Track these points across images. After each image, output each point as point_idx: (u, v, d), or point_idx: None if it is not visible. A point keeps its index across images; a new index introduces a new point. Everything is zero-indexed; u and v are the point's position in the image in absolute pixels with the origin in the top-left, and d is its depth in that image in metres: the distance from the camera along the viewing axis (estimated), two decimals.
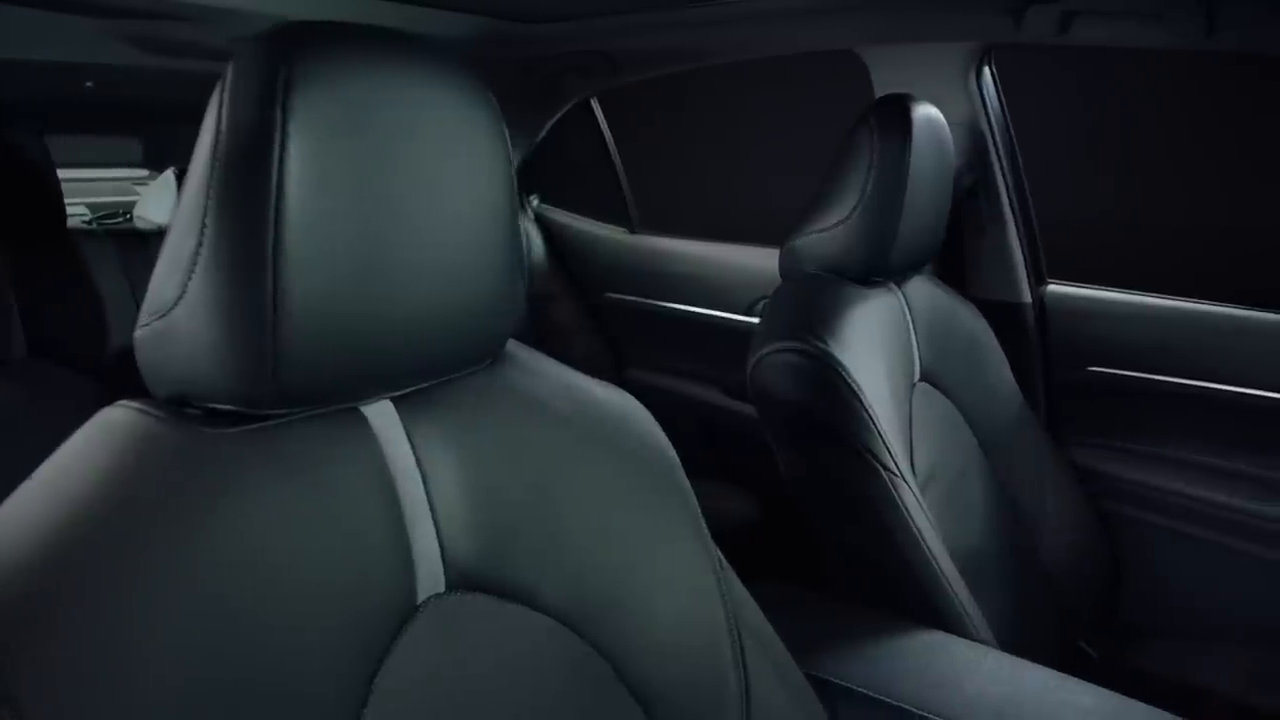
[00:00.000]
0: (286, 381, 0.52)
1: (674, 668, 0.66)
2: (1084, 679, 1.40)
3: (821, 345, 1.08)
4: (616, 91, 2.01)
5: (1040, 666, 0.97)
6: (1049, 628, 1.38)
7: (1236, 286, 1.51)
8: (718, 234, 2.03)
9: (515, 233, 0.62)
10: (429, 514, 0.59)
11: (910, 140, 1.17)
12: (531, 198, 2.28)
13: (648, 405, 2.26)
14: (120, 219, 2.10)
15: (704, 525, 0.74)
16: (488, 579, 0.61)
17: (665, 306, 2.07)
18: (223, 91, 0.52)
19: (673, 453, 0.74)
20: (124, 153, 2.40)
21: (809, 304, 1.16)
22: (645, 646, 0.65)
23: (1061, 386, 1.60)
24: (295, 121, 0.50)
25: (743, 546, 1.73)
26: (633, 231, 2.16)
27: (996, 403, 1.39)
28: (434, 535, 0.59)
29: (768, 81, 2.33)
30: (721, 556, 0.76)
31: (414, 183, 0.54)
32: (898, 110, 1.18)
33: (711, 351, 1.99)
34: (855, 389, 1.06)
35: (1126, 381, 1.54)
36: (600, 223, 2.22)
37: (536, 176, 2.27)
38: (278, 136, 0.49)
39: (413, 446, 0.60)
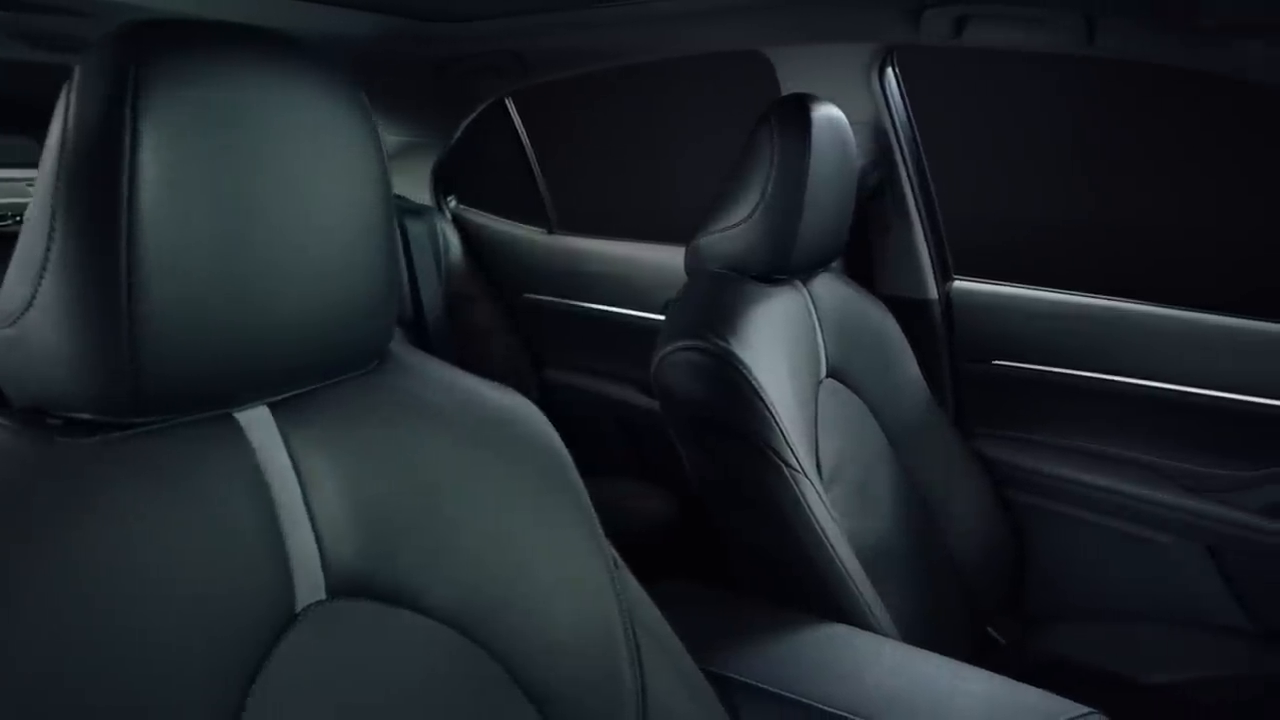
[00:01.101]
0: (149, 388, 0.51)
1: (568, 667, 0.66)
2: (991, 664, 1.44)
3: (722, 344, 1.09)
4: (533, 91, 2.00)
5: (937, 656, 0.99)
6: (957, 616, 1.42)
7: (1134, 283, 1.57)
8: (636, 234, 2.03)
9: (391, 233, 0.62)
10: (307, 520, 0.58)
11: (810, 139, 1.18)
12: (449, 198, 2.25)
13: (566, 405, 2.25)
14: (10, 221, 2.02)
15: (598, 524, 0.74)
16: (372, 584, 0.60)
17: (583, 306, 2.07)
18: (69, 92, 0.51)
19: (565, 452, 0.74)
20: (21, 152, 2.31)
21: (711, 303, 1.17)
22: (539, 647, 0.65)
23: (968, 380, 1.64)
24: (147, 122, 0.49)
25: (661, 545, 1.75)
26: (550, 232, 2.15)
27: (904, 397, 1.42)
28: (313, 542, 0.58)
29: (686, 81, 2.34)
30: (616, 555, 0.76)
31: (279, 183, 0.53)
32: (797, 109, 1.20)
33: (629, 351, 1.99)
34: (756, 387, 1.07)
35: (1030, 374, 1.59)
36: (518, 223, 2.20)
37: (453, 177, 2.25)
38: (128, 138, 0.48)
39: (290, 452, 0.58)
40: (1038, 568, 1.60)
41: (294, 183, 0.54)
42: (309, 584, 0.57)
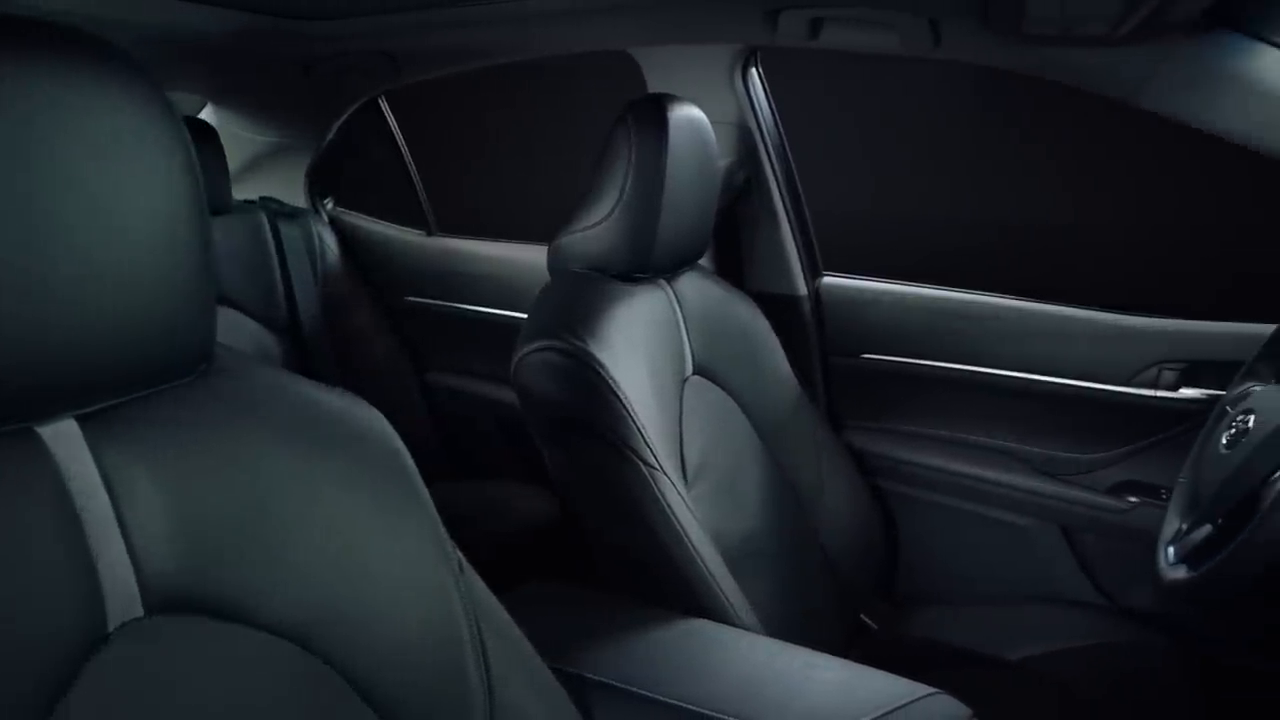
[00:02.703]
0: None
1: (413, 673, 0.65)
2: (864, 649, 1.48)
3: (579, 343, 1.09)
4: (409, 91, 1.97)
5: (793, 646, 1.01)
6: (830, 604, 1.45)
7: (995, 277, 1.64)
8: (518, 234, 2.02)
9: (202, 237, 0.60)
10: (119, 536, 0.56)
11: (666, 138, 1.19)
12: (326, 201, 2.20)
13: (449, 407, 2.21)
14: None
15: (441, 527, 0.73)
16: (196, 599, 0.58)
17: (464, 308, 2.05)
18: None
19: (406, 455, 0.73)
20: None
21: (570, 303, 1.17)
22: (381, 654, 0.64)
23: (838, 374, 1.68)
24: None
25: (542, 544, 1.74)
26: (430, 234, 2.12)
27: (772, 392, 1.44)
28: (126, 558, 0.56)
29: (567, 79, 2.34)
30: (462, 558, 0.76)
31: (70, 186, 0.51)
32: (654, 109, 1.21)
33: (511, 352, 1.98)
34: (613, 386, 1.08)
35: (896, 367, 1.64)
36: (397, 225, 2.17)
37: (330, 179, 2.20)
38: None
39: (101, 467, 0.56)
40: (908, 554, 1.66)
41: (87, 185, 0.52)
42: (122, 601, 0.55)
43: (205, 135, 1.78)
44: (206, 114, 2.00)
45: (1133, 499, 1.49)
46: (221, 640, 0.58)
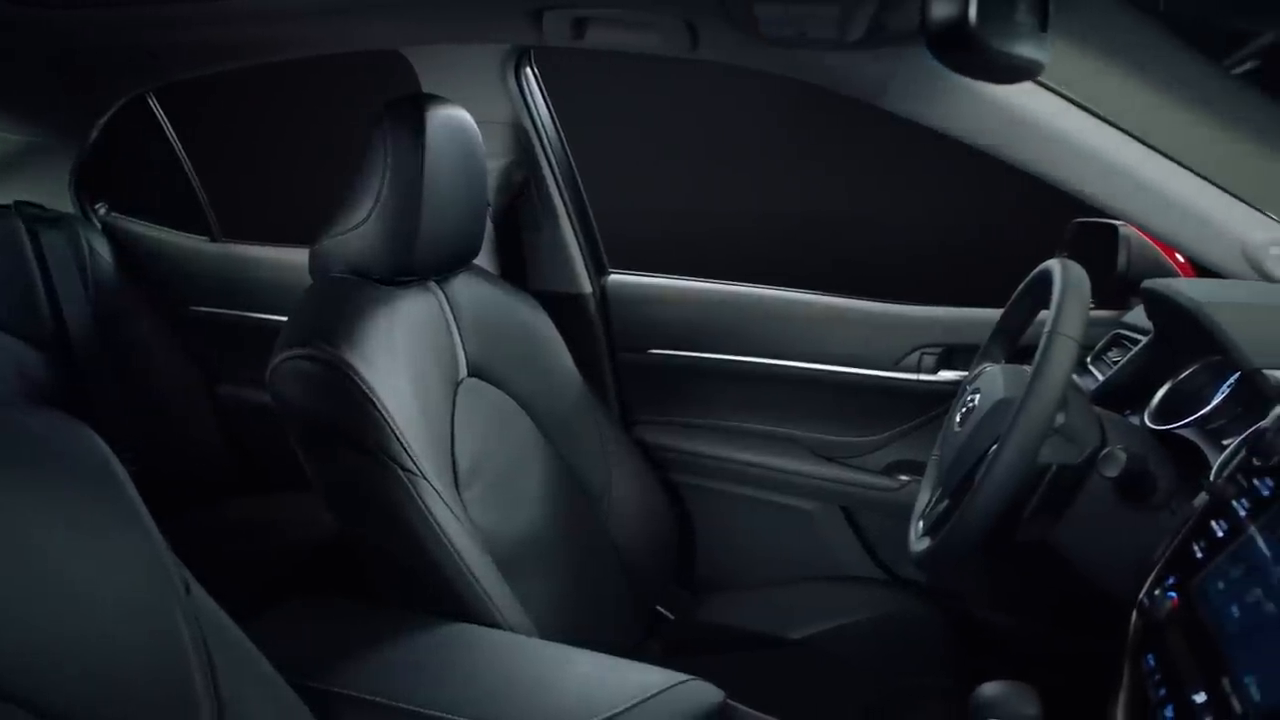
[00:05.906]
0: None
1: (132, 706, 0.61)
2: (658, 639, 1.50)
3: (331, 349, 1.05)
4: (186, 88, 1.86)
5: (550, 643, 1.02)
6: (622, 599, 1.47)
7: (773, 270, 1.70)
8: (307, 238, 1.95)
9: None
10: None
11: (424, 139, 1.17)
12: (98, 206, 2.05)
13: (243, 419, 2.12)
14: None
15: (163, 547, 0.69)
16: None
17: (254, 316, 1.96)
18: None
19: (120, 472, 0.69)
20: None
21: (326, 308, 1.14)
22: (93, 690, 0.60)
23: (626, 370, 1.70)
24: None
25: (333, 556, 1.68)
26: (214, 240, 2.02)
27: (556, 391, 1.44)
28: None
29: (356, 77, 2.27)
30: (189, 577, 0.72)
31: None
32: (410, 109, 1.18)
33: None
34: (368, 392, 1.05)
35: (682, 361, 1.67)
36: (179, 231, 2.05)
37: (102, 182, 2.05)
38: None
39: None
40: (703, 543, 1.70)
41: None
42: None
43: None
44: None
45: (904, 477, 1.59)
46: None
